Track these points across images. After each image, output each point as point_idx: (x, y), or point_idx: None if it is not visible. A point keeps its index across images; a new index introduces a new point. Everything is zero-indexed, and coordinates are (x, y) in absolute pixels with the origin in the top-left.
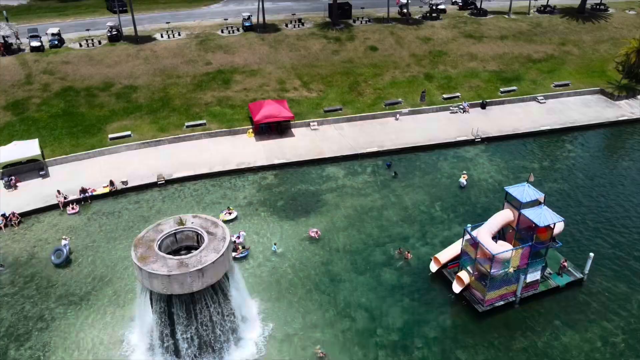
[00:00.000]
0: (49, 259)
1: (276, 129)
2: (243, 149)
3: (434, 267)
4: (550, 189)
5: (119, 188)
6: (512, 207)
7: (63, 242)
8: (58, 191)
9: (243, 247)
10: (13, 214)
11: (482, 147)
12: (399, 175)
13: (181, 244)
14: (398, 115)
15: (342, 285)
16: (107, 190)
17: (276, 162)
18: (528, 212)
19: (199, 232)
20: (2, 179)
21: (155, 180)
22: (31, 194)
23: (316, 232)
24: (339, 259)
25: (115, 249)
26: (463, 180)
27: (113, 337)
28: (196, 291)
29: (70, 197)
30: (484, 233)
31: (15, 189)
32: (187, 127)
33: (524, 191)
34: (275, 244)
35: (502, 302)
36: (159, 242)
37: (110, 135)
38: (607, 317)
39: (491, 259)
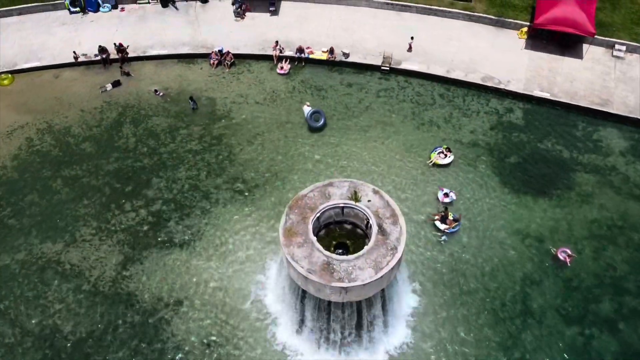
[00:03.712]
0: (306, 119)
1: (560, 39)
2: (502, 54)
3: None
4: None
5: (336, 59)
6: None
7: (306, 108)
8: (276, 42)
9: (455, 221)
10: (228, 53)
11: None
12: None
13: (347, 218)
14: None
15: (532, 333)
16: (325, 57)
17: (536, 93)
18: None
19: (370, 221)
20: (234, 3)
21: (379, 62)
22: (252, 33)
23: (567, 257)
24: (549, 290)
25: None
26: None
27: (258, 256)
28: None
29: (286, 53)
30: None
31: (243, 18)
32: None
33: None
34: (444, 237)
35: None
36: (318, 214)
37: None
38: None
39: None
